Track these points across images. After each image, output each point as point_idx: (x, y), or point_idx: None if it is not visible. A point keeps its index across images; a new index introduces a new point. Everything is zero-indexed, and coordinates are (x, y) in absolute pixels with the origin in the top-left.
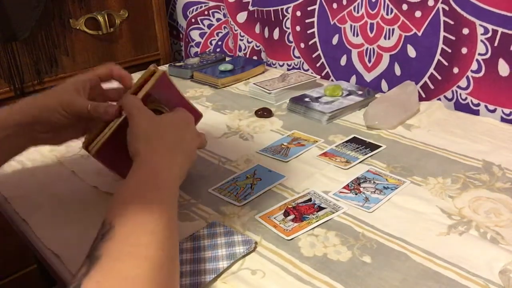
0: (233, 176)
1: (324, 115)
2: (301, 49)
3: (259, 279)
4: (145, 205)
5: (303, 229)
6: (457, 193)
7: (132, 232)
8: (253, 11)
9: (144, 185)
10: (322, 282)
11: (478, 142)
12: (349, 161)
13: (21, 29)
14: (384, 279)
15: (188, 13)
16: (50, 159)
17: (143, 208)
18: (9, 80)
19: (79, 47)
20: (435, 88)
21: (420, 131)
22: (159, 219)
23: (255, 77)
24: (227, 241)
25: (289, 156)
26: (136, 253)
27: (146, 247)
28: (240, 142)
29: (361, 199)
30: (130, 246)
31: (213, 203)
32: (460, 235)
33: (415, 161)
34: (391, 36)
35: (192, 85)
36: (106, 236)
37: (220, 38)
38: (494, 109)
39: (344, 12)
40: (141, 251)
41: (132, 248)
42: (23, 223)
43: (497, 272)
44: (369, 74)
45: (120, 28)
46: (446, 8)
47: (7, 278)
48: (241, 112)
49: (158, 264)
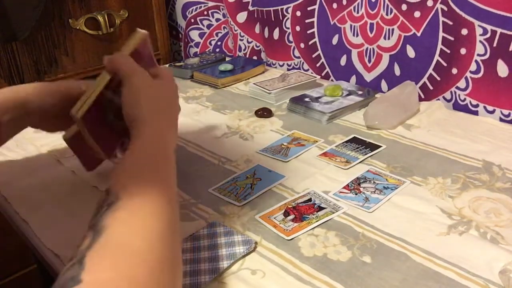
0: (233, 176)
1: (324, 115)
2: (301, 49)
3: (259, 279)
4: (154, 178)
5: (303, 229)
6: (457, 193)
7: (140, 206)
8: (253, 11)
9: (153, 157)
10: (322, 282)
11: (478, 142)
12: (349, 161)
13: (21, 29)
14: (384, 279)
15: (188, 13)
16: (50, 159)
17: (153, 181)
18: (9, 80)
19: (79, 47)
20: (434, 89)
21: (420, 131)
22: (167, 192)
23: (255, 77)
24: (227, 241)
25: (289, 156)
26: (144, 226)
27: (154, 220)
28: (240, 142)
29: (361, 199)
30: (138, 219)
31: (213, 203)
32: (460, 235)
33: (415, 161)
34: (391, 36)
35: (192, 85)
36: (112, 207)
37: (220, 38)
38: (493, 110)
39: (344, 12)
40: (148, 224)
41: (139, 221)
42: (23, 223)
43: (497, 272)
44: (369, 74)
45: (120, 28)
46: (445, 9)
47: (7, 278)
48: (241, 112)
49: (164, 237)
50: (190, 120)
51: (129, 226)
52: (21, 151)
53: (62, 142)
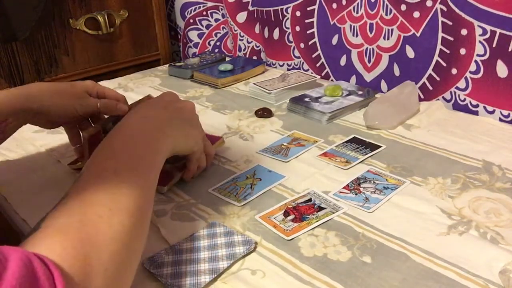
0: (233, 176)
1: (324, 115)
2: (301, 49)
3: (259, 279)
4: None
5: (303, 229)
6: (457, 193)
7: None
8: (253, 11)
9: (130, 139)
10: (322, 282)
11: (478, 142)
12: (349, 161)
13: (21, 29)
14: (384, 279)
15: (186, 13)
16: (50, 159)
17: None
18: (9, 80)
19: (79, 47)
20: (434, 89)
21: (420, 131)
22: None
23: (255, 77)
24: (227, 241)
25: (289, 156)
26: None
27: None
28: (240, 142)
29: (361, 199)
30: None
31: (213, 203)
32: (460, 235)
33: (415, 161)
34: (390, 37)
35: (192, 85)
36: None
37: (219, 38)
38: (493, 111)
39: (343, 12)
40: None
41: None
42: (23, 223)
43: (497, 272)
44: (369, 74)
45: (120, 28)
46: (444, 9)
47: None
48: (241, 112)
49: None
50: None
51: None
52: (21, 151)
53: (62, 142)
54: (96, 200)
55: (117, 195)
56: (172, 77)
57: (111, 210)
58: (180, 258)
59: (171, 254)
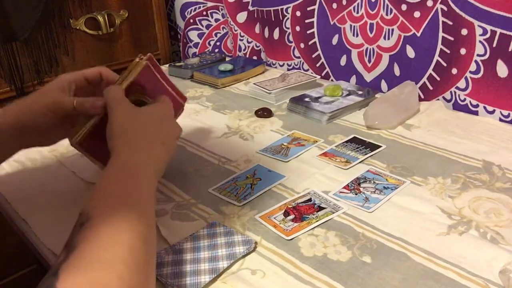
0: (233, 176)
1: (324, 115)
2: (301, 49)
3: (259, 279)
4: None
5: (303, 229)
6: (457, 193)
7: (109, 223)
8: (253, 11)
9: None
10: (322, 282)
11: (478, 142)
12: (349, 161)
13: (21, 29)
14: (384, 279)
15: (186, 13)
16: (50, 159)
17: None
18: (9, 80)
19: (79, 47)
20: (434, 89)
21: (420, 131)
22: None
23: (255, 77)
24: (227, 241)
25: (289, 156)
26: (112, 241)
27: (123, 235)
28: (240, 142)
29: (361, 199)
30: (106, 235)
31: (213, 203)
32: (460, 235)
33: (415, 161)
34: (391, 37)
35: (192, 85)
36: (84, 226)
37: (219, 38)
38: (493, 111)
39: (344, 12)
40: (118, 238)
41: (107, 236)
42: (23, 223)
43: (497, 272)
44: (369, 74)
45: (120, 28)
46: (444, 9)
47: (7, 278)
48: (241, 112)
49: (135, 249)
50: (190, 120)
51: (98, 241)
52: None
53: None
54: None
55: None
56: (172, 77)
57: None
58: (180, 258)
59: (171, 254)
